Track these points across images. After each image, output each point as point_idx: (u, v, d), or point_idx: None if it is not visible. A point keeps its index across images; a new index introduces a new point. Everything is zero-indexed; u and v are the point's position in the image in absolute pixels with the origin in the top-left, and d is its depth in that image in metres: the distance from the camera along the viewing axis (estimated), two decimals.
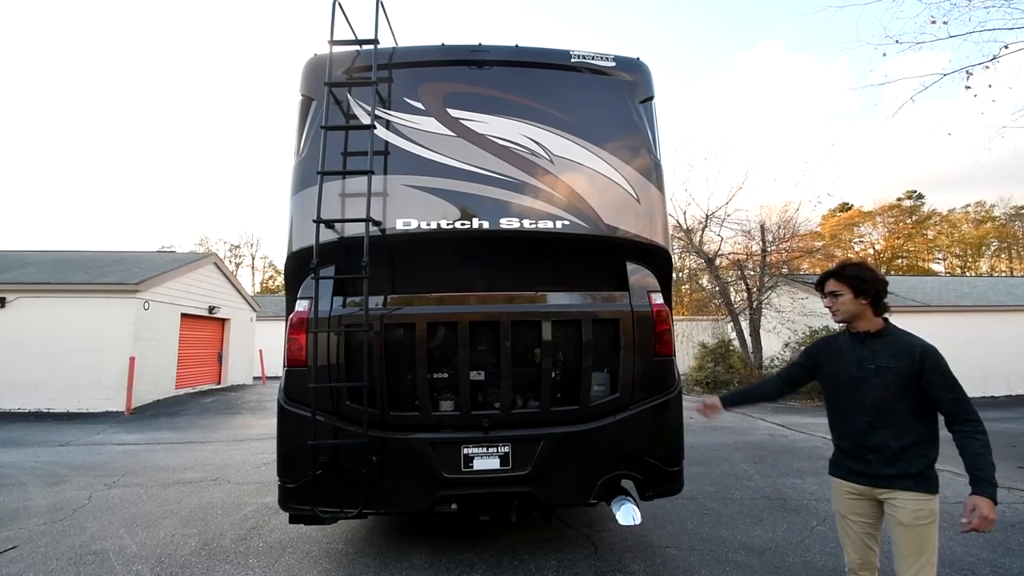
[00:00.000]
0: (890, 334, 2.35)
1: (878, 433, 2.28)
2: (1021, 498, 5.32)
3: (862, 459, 2.32)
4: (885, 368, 2.27)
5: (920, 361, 2.22)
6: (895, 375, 2.25)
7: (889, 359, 2.28)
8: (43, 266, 14.29)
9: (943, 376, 2.20)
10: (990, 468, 2.09)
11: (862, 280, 2.35)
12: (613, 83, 3.92)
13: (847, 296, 2.37)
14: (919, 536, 2.19)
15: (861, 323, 2.39)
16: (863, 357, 2.35)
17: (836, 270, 2.47)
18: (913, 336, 2.34)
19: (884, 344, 2.32)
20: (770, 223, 17.47)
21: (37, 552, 4.05)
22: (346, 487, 3.23)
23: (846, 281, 2.37)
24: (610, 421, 3.39)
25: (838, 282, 2.40)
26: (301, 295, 3.41)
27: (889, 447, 2.25)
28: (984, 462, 2.10)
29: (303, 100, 3.78)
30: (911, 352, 2.24)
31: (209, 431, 9.91)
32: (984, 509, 2.04)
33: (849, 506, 2.39)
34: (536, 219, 3.54)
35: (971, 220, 48.95)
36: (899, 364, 2.25)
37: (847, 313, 2.39)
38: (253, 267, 55.24)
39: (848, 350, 2.42)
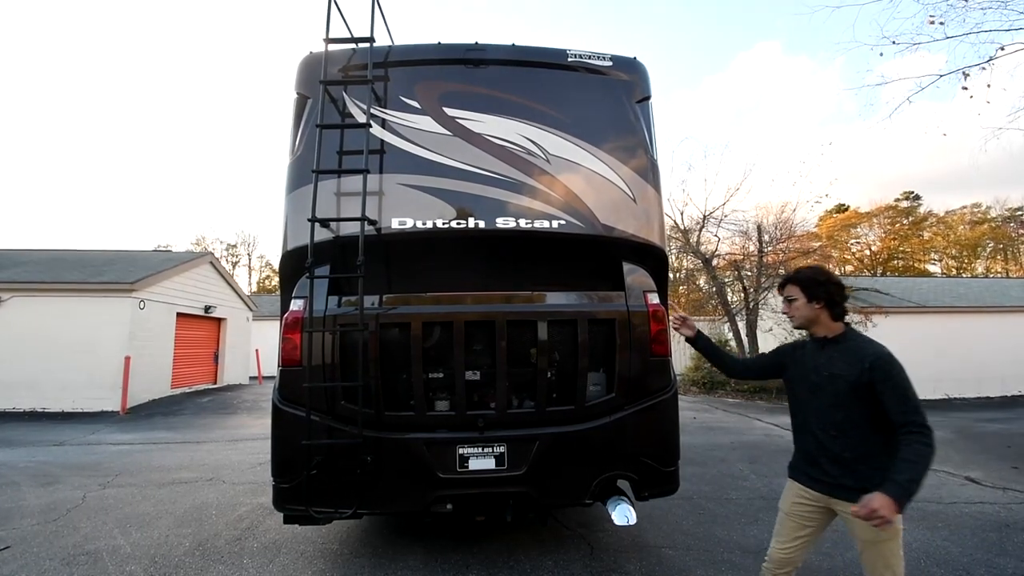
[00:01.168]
0: (848, 341, 2.31)
1: (833, 442, 2.25)
2: (1016, 499, 5.34)
3: (819, 467, 2.30)
4: (838, 376, 2.24)
5: (870, 370, 2.16)
6: (847, 383, 2.21)
7: (843, 367, 2.24)
8: (38, 265, 14.22)
9: (894, 386, 2.13)
10: (910, 473, 1.99)
11: (815, 283, 2.33)
12: (610, 83, 3.92)
13: (801, 300, 2.36)
14: (881, 552, 2.17)
15: (819, 328, 2.37)
16: (820, 364, 2.33)
17: (790, 275, 2.47)
18: (869, 343, 2.28)
19: (841, 351, 2.29)
20: (767, 224, 17.53)
21: (30, 552, 4.03)
22: (341, 487, 3.22)
23: (799, 285, 2.36)
24: (606, 421, 3.38)
25: (792, 286, 2.39)
26: (296, 294, 3.40)
27: (845, 456, 2.21)
28: (907, 467, 2.01)
29: (298, 98, 3.76)
30: (862, 360, 2.19)
31: (205, 431, 9.87)
32: (875, 502, 1.96)
33: (797, 508, 2.39)
34: (532, 219, 3.53)
35: (967, 221, 49.10)
36: (851, 372, 2.21)
37: (802, 318, 2.38)
38: (250, 267, 55.16)
39: (809, 356, 2.41)
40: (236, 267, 52.55)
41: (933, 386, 14.59)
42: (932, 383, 14.59)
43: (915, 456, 2.02)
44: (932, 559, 3.88)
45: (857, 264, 46.67)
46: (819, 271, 2.42)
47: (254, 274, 55.41)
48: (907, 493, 1.97)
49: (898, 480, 1.99)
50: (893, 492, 1.96)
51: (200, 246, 49.80)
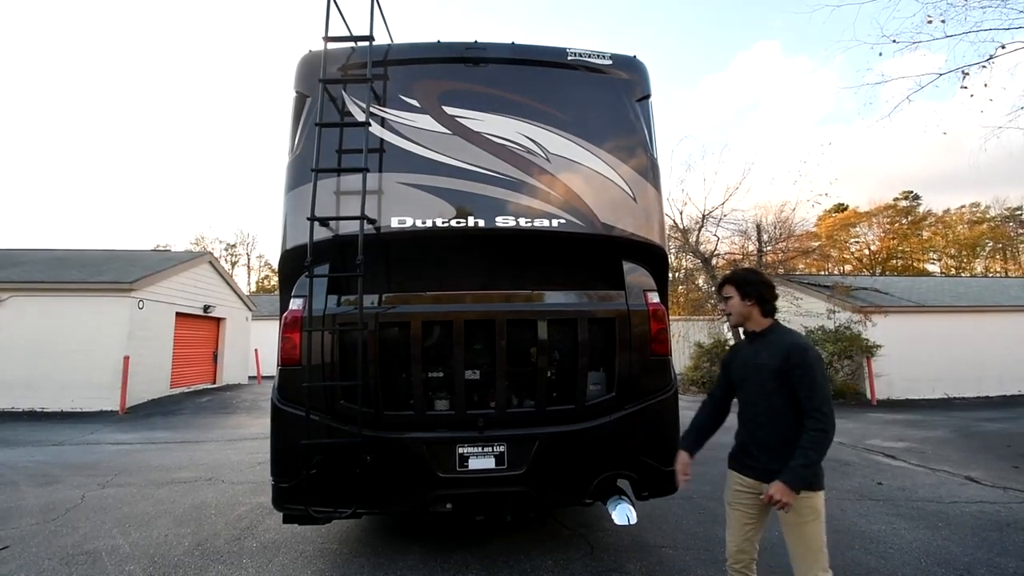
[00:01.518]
0: (772, 334, 2.48)
1: (760, 429, 2.42)
2: (1017, 498, 5.33)
3: (751, 455, 2.46)
4: (763, 366, 2.41)
5: (787, 358, 2.32)
6: (770, 372, 2.37)
7: (767, 357, 2.41)
8: (37, 265, 14.20)
9: (803, 373, 2.28)
10: (803, 459, 2.19)
11: (747, 282, 2.53)
12: (610, 81, 3.91)
13: (735, 299, 2.53)
14: (802, 534, 2.29)
15: (750, 324, 2.54)
16: (748, 356, 2.52)
17: (727, 275, 2.66)
18: (789, 335, 2.46)
19: (766, 343, 2.46)
20: (766, 223, 17.53)
21: (29, 552, 4.02)
22: (340, 487, 3.21)
23: (734, 284, 2.55)
24: (606, 420, 3.37)
25: (728, 286, 2.57)
26: (295, 294, 3.39)
27: (771, 443, 2.36)
28: (801, 453, 2.20)
29: (297, 97, 3.75)
30: (782, 350, 2.36)
31: (204, 431, 9.86)
32: (771, 489, 2.21)
33: (736, 497, 2.52)
34: (532, 218, 3.52)
35: (966, 221, 49.15)
36: (772, 362, 2.37)
37: (737, 315, 2.55)
38: (249, 266, 55.14)
39: (742, 351, 2.61)
40: (235, 267, 52.58)
41: (932, 386, 14.60)
42: (931, 382, 14.60)
43: (809, 443, 2.21)
44: (933, 558, 3.87)
45: (856, 263, 46.69)
46: (751, 272, 2.65)
47: (253, 274, 55.45)
48: (800, 478, 2.19)
49: (792, 466, 2.20)
50: (787, 478, 2.18)
51: (199, 246, 49.79)
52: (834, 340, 14.39)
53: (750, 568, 2.50)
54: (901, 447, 8.05)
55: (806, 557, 2.28)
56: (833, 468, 6.66)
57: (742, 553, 2.50)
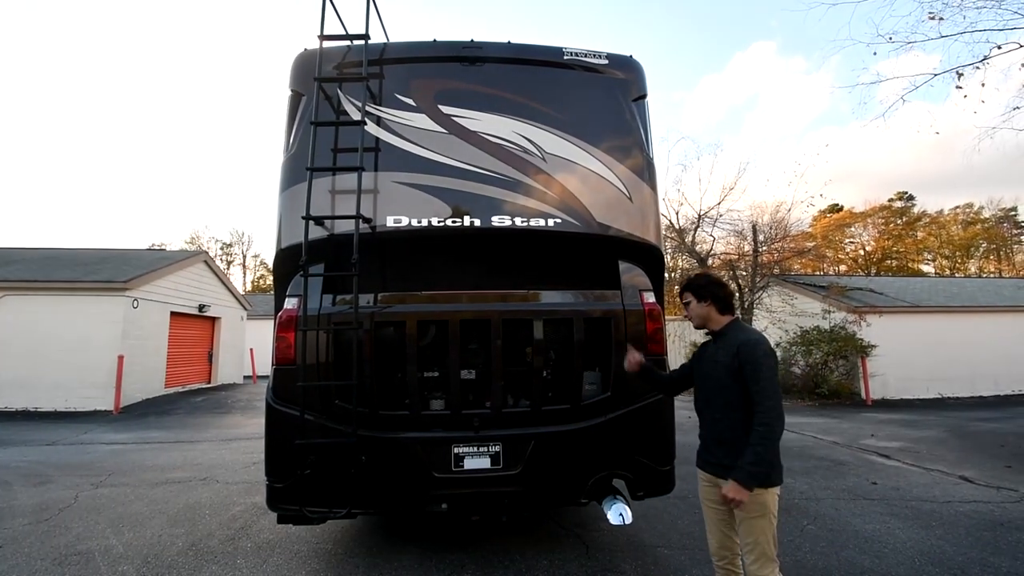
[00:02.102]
0: (730, 331, 2.55)
1: (717, 424, 2.50)
2: (1010, 497, 5.36)
3: (710, 450, 2.55)
4: (719, 363, 2.48)
5: (737, 355, 2.38)
6: (724, 369, 2.44)
7: (722, 354, 2.48)
8: (31, 264, 14.11)
9: (753, 369, 2.33)
10: (752, 456, 2.25)
11: (699, 286, 2.64)
12: (606, 81, 3.91)
13: (693, 302, 2.65)
14: (750, 528, 2.35)
15: (711, 324, 2.62)
16: (708, 354, 2.62)
17: (684, 282, 2.78)
18: (744, 332, 2.51)
19: (723, 341, 2.54)
20: (762, 223, 17.55)
21: (21, 552, 3.99)
22: (335, 487, 3.19)
23: (690, 290, 2.67)
24: (601, 420, 3.37)
25: (686, 292, 2.69)
26: (290, 293, 3.37)
27: (726, 437, 2.43)
28: (750, 451, 2.26)
29: (292, 95, 3.73)
30: (735, 346, 2.42)
31: (198, 430, 9.82)
32: (725, 489, 2.31)
33: (705, 493, 2.60)
34: (528, 217, 3.52)
35: (960, 222, 49.41)
36: (726, 358, 2.44)
37: (697, 317, 2.64)
38: (244, 266, 54.96)
39: (707, 351, 2.67)
40: (231, 266, 52.40)
41: (927, 385, 14.67)
42: (925, 383, 14.67)
43: (757, 439, 2.26)
44: (927, 558, 3.89)
45: (851, 264, 46.86)
46: (702, 276, 2.75)
47: (249, 273, 55.27)
48: (751, 476, 2.25)
49: (742, 465, 2.27)
50: (739, 476, 2.26)
51: (194, 245, 49.59)
52: (829, 340, 14.44)
53: (734, 564, 2.54)
54: (895, 447, 8.08)
55: (753, 550, 2.34)
56: (827, 468, 6.69)
57: (723, 549, 2.55)
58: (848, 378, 14.57)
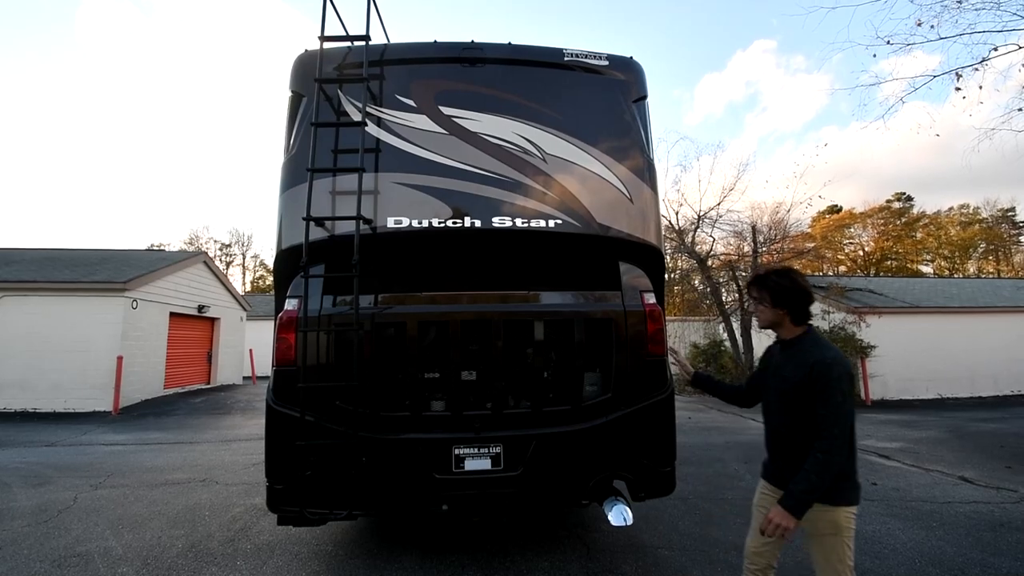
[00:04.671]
0: (801, 344, 2.32)
1: (783, 439, 2.34)
2: (1010, 498, 5.36)
3: (774, 462, 2.42)
4: (786, 378, 2.29)
5: (808, 374, 2.19)
6: (791, 385, 2.25)
7: (791, 369, 2.28)
8: (30, 264, 14.09)
9: (822, 391, 2.14)
10: (804, 485, 2.09)
11: (781, 289, 2.34)
12: (606, 82, 3.91)
13: (765, 304, 2.38)
14: (822, 547, 2.22)
15: (781, 331, 2.39)
16: (776, 365, 2.41)
17: (758, 277, 2.46)
18: (817, 348, 2.27)
19: (793, 354, 2.32)
20: (761, 224, 17.57)
21: (20, 554, 3.98)
22: (336, 488, 3.19)
23: (766, 289, 2.37)
24: (602, 421, 3.37)
25: (758, 289, 2.41)
26: (290, 294, 3.37)
27: (793, 454, 2.26)
28: (803, 477, 2.10)
29: (293, 96, 3.73)
30: (806, 364, 2.21)
31: (198, 431, 9.80)
32: (771, 514, 2.13)
33: (762, 500, 2.47)
34: (529, 218, 3.52)
35: (959, 222, 49.49)
36: (796, 374, 2.24)
37: (766, 320, 2.41)
38: (244, 266, 54.93)
39: (773, 358, 2.48)
40: (230, 267, 52.35)
41: (926, 386, 14.68)
42: (925, 383, 14.68)
43: (813, 467, 2.09)
44: (927, 559, 3.89)
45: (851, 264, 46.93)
46: (787, 276, 2.39)
47: (248, 274, 55.22)
48: (800, 503, 2.09)
49: (793, 491, 2.11)
50: (787, 503, 2.10)
51: (194, 245, 49.58)
52: (829, 340, 14.43)
53: (767, 574, 2.44)
54: (895, 447, 8.08)
55: (825, 570, 2.20)
56: None
57: (759, 556, 2.43)
58: None
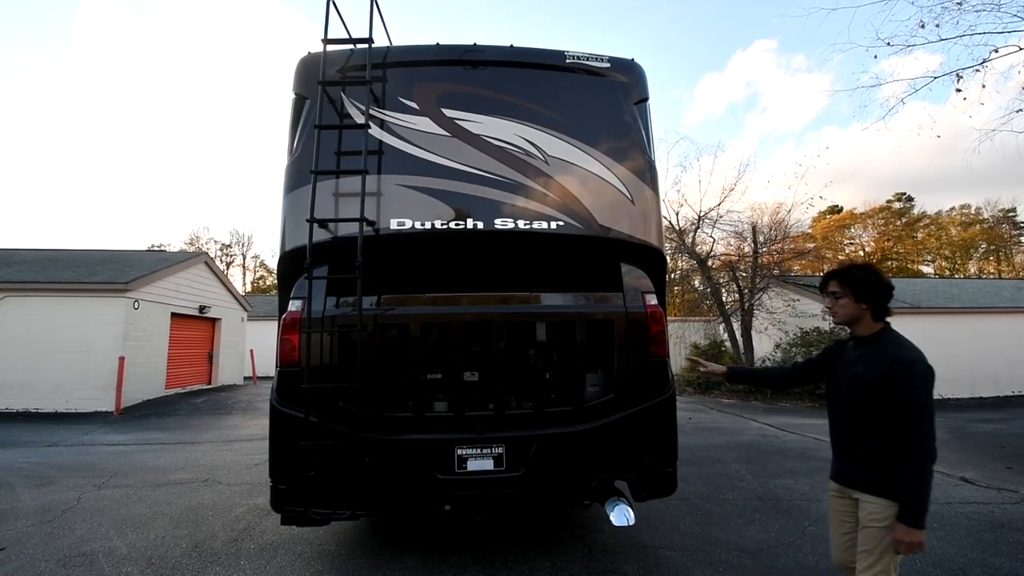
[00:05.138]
0: (878, 341, 2.29)
1: (850, 437, 2.34)
2: (1010, 499, 5.38)
3: (839, 459, 2.42)
4: (860, 376, 2.26)
5: (888, 372, 2.15)
6: (867, 384, 2.22)
7: (866, 366, 2.24)
8: (31, 265, 14.12)
9: (905, 392, 2.11)
10: (911, 495, 2.07)
11: (865, 282, 2.29)
12: (608, 84, 3.93)
13: (847, 299, 2.33)
14: (871, 536, 2.20)
15: (858, 327, 2.35)
16: (849, 361, 2.37)
17: (840, 271, 2.41)
18: (897, 347, 2.23)
19: (870, 350, 2.28)
20: (762, 224, 17.59)
21: (25, 554, 4.00)
22: (339, 488, 3.21)
23: (848, 283, 2.32)
24: (604, 422, 3.38)
25: (840, 283, 2.35)
26: (294, 295, 3.39)
27: (858, 451, 2.28)
28: (908, 488, 2.07)
29: (296, 99, 3.76)
30: (884, 362, 2.18)
31: (199, 432, 9.83)
32: (897, 532, 2.08)
33: (833, 502, 2.47)
34: (530, 219, 3.54)
35: (959, 223, 49.49)
36: (872, 372, 2.21)
37: (846, 316, 2.35)
38: (244, 267, 54.94)
39: (846, 354, 2.43)
40: (230, 267, 52.34)
41: None
42: None
43: (914, 475, 2.07)
44: (928, 559, 3.90)
45: None
46: (870, 271, 2.37)
47: (249, 274, 55.24)
48: (918, 514, 2.06)
49: (907, 505, 2.08)
50: (907, 520, 2.07)
51: (194, 246, 49.61)
52: (829, 341, 14.46)
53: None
54: None
55: (868, 558, 2.18)
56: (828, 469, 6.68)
57: (847, 559, 2.41)
58: None
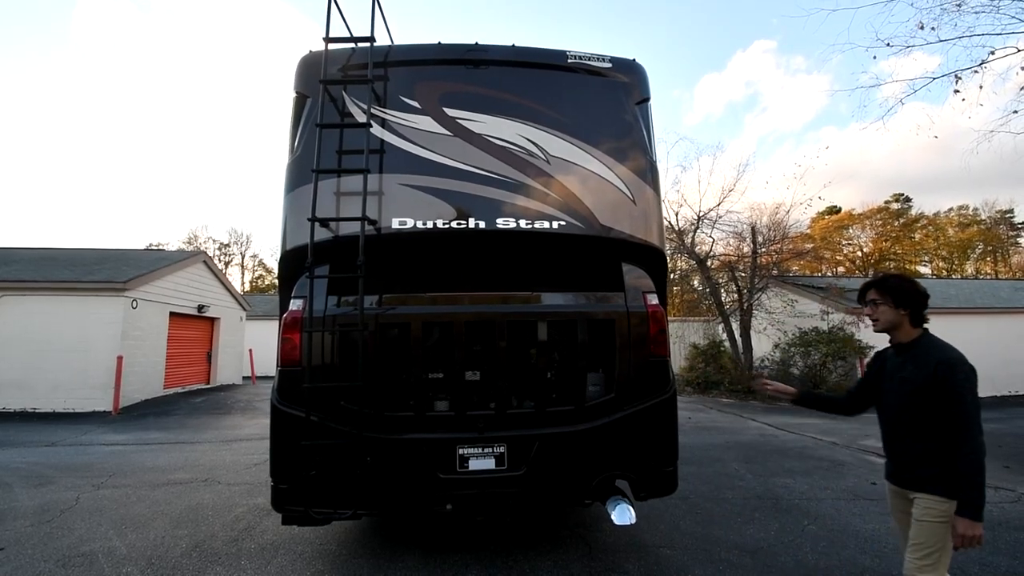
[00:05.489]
0: (920, 346, 2.39)
1: (900, 442, 2.43)
2: (1008, 498, 5.40)
3: (893, 461, 2.50)
4: (906, 380, 2.35)
5: (934, 373, 2.26)
6: (913, 387, 2.32)
7: (912, 371, 2.34)
8: (29, 264, 14.08)
9: (951, 392, 2.21)
10: (967, 490, 2.17)
11: (903, 291, 2.43)
12: (609, 84, 3.94)
13: (887, 306, 2.44)
14: (922, 529, 2.28)
15: (899, 334, 2.46)
16: (893, 369, 2.47)
17: (878, 280, 2.55)
18: (939, 349, 2.33)
19: (913, 356, 2.38)
20: (761, 225, 17.60)
21: (24, 554, 3.99)
22: (340, 488, 3.21)
23: (887, 291, 2.45)
24: (605, 421, 3.39)
25: (879, 291, 2.48)
26: (295, 294, 3.39)
27: (908, 453, 2.38)
28: (964, 485, 2.17)
29: (297, 97, 3.75)
30: (928, 365, 2.28)
31: (198, 431, 9.81)
32: (959, 527, 2.16)
33: (893, 503, 2.55)
34: (532, 219, 3.54)
35: (957, 223, 49.63)
36: (917, 376, 2.31)
37: (886, 322, 2.46)
38: (243, 266, 54.83)
39: (889, 361, 2.53)
40: (228, 266, 52.22)
41: None
42: None
43: (969, 470, 2.18)
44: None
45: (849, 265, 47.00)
46: (907, 280, 2.51)
47: (247, 273, 55.13)
48: (977, 508, 2.15)
49: (963, 499, 2.18)
50: (966, 514, 2.16)
51: (192, 245, 49.49)
52: (827, 341, 14.50)
53: None
54: None
55: (918, 551, 2.27)
56: (827, 468, 6.72)
57: None
58: (846, 379, 14.61)
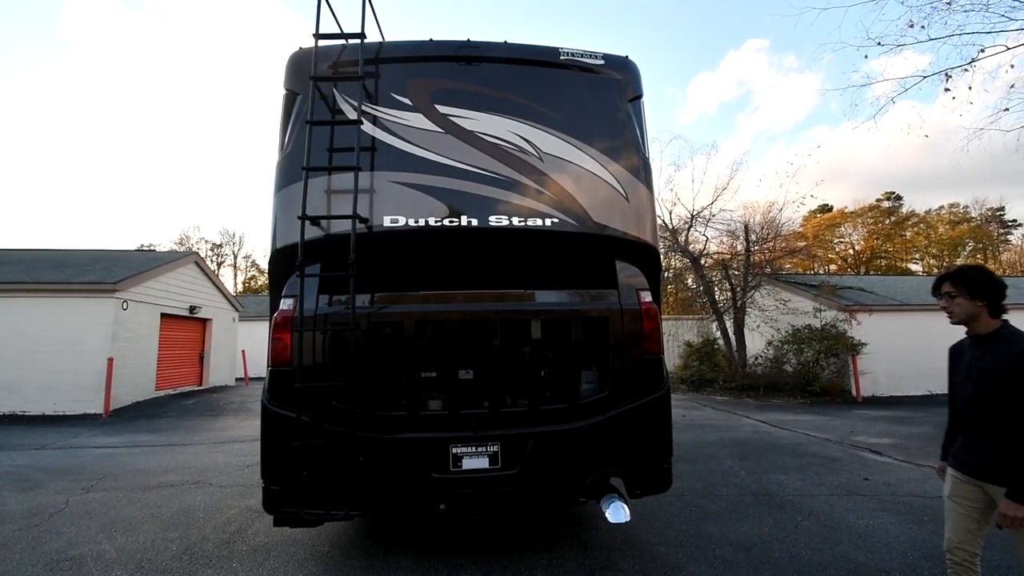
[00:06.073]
0: (1001, 337, 2.36)
1: (980, 430, 2.38)
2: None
3: (968, 451, 2.45)
4: (986, 371, 2.34)
5: (1014, 363, 2.24)
6: (993, 377, 2.30)
7: (992, 361, 2.32)
8: (18, 265, 13.91)
9: None
10: (1020, 472, 2.16)
11: (977, 281, 2.39)
12: (602, 81, 3.92)
13: (962, 298, 2.41)
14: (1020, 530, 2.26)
15: (976, 325, 2.43)
16: (972, 359, 2.44)
17: (953, 272, 2.51)
18: (1020, 340, 2.30)
19: (992, 347, 2.36)
20: (754, 223, 17.68)
21: (11, 559, 3.93)
22: (332, 488, 3.18)
23: (963, 283, 2.42)
24: (599, 419, 3.38)
25: (954, 284, 2.45)
26: (286, 293, 3.35)
27: (990, 444, 2.34)
28: (1019, 468, 2.17)
29: (287, 94, 3.71)
30: (1010, 355, 2.26)
31: (190, 433, 9.73)
32: (1003, 507, 2.20)
33: (955, 489, 2.52)
34: (525, 217, 3.52)
35: (948, 221, 50.04)
36: (998, 365, 2.29)
37: (963, 314, 2.43)
38: (235, 266, 54.47)
39: (965, 353, 2.51)
40: (221, 267, 51.90)
41: (916, 383, 14.82)
42: (915, 380, 14.82)
43: None
44: (919, 552, 3.93)
45: (841, 263, 47.28)
46: (982, 271, 2.48)
47: (240, 274, 54.77)
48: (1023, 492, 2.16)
49: (1014, 484, 2.18)
50: (1015, 496, 2.17)
51: (184, 246, 49.11)
52: (820, 338, 14.58)
53: (972, 563, 2.48)
54: (887, 443, 8.17)
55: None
56: (820, 464, 6.74)
57: (962, 547, 2.49)
58: (839, 376, 14.71)
